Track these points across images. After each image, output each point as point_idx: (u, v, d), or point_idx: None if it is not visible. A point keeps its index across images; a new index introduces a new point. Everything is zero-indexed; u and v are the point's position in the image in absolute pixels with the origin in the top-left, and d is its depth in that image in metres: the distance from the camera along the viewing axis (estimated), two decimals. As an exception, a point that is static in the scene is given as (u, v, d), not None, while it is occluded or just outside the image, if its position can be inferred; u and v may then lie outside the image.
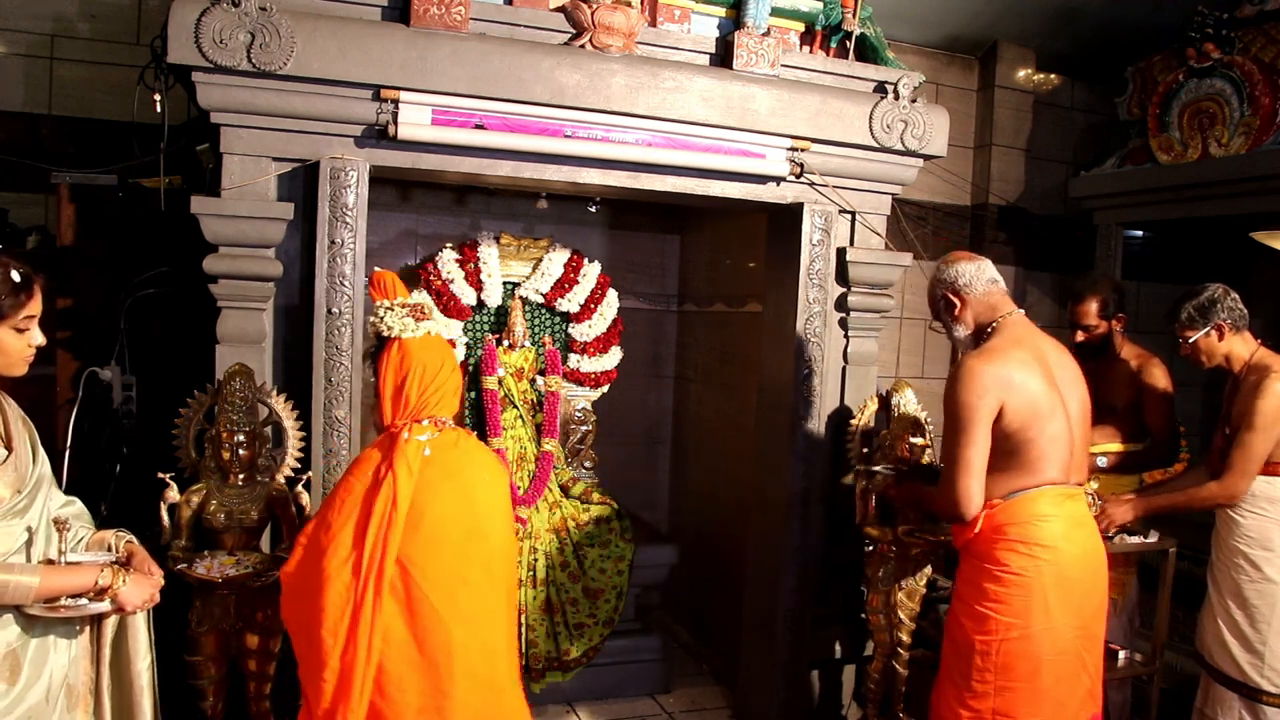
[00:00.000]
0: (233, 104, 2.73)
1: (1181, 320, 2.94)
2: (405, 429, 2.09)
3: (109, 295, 3.26)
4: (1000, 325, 2.48)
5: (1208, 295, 2.92)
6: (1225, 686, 2.92)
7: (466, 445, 2.18)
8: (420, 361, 2.14)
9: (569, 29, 3.08)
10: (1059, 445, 2.39)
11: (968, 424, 2.34)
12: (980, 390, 2.33)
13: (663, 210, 4.47)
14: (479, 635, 2.04)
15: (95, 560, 1.97)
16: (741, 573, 3.81)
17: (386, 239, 4.09)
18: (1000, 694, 2.37)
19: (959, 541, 2.53)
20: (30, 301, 1.89)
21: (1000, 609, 2.37)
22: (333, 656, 1.92)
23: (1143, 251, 5.14)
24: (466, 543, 2.06)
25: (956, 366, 2.42)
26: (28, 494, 1.90)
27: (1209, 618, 2.99)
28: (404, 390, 2.12)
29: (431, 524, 2.00)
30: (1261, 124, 3.94)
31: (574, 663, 3.72)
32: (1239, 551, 2.88)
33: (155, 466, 2.68)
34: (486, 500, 2.13)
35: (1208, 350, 2.94)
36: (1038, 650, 2.35)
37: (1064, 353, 2.55)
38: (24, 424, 1.98)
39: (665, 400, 4.88)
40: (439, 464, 2.07)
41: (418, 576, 1.97)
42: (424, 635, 1.97)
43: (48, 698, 1.91)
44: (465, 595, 2.02)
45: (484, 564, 2.08)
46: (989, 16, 4.68)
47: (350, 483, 2.06)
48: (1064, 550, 2.37)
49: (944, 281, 2.58)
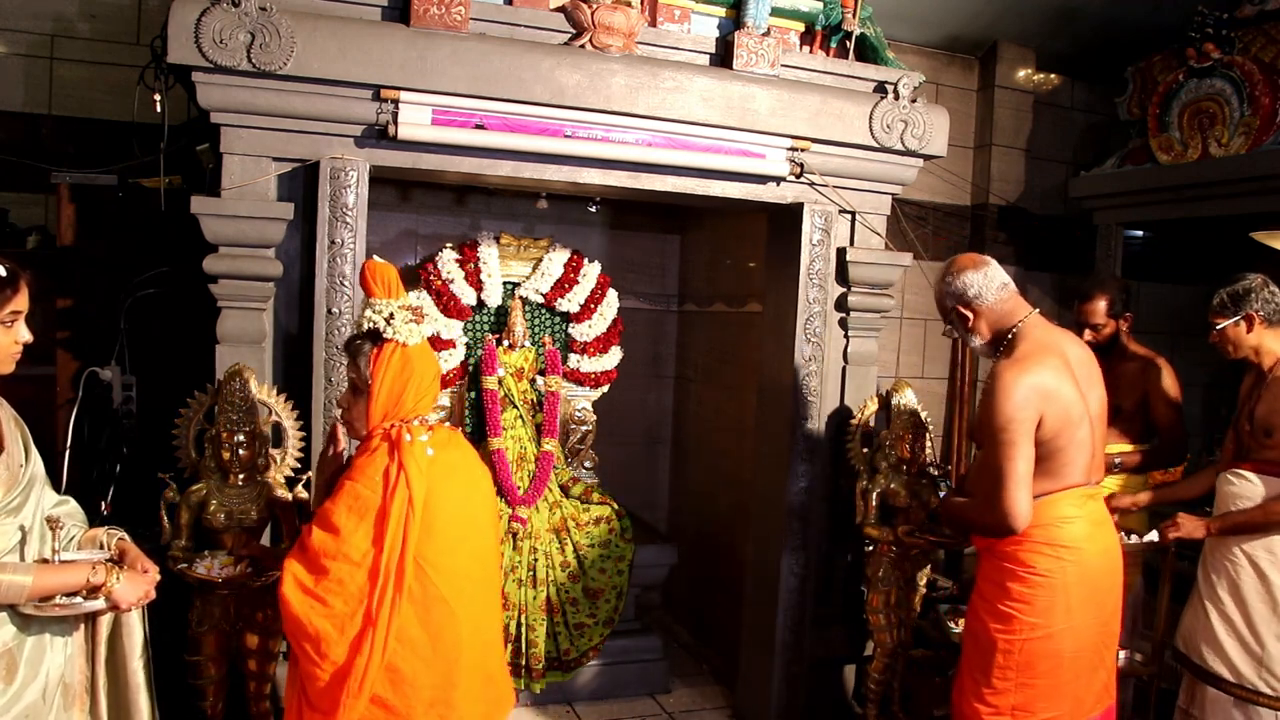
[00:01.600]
0: (233, 104, 2.73)
1: (1214, 306, 2.88)
2: (404, 430, 2.09)
3: (109, 295, 3.26)
4: (1021, 331, 2.43)
5: (1243, 284, 2.85)
6: (1218, 689, 2.88)
7: (458, 442, 2.22)
8: (420, 368, 2.12)
9: (569, 29, 3.08)
10: (1084, 449, 2.40)
11: (1015, 437, 2.28)
12: (1021, 402, 2.28)
13: (663, 210, 4.47)
14: (480, 628, 2.10)
15: (88, 558, 1.97)
16: (741, 573, 3.81)
17: (386, 239, 4.09)
18: (1020, 690, 2.39)
19: (982, 543, 2.53)
20: (16, 297, 1.87)
21: (1024, 609, 2.38)
22: (335, 649, 1.93)
23: (1143, 251, 5.15)
24: (470, 538, 2.11)
25: (993, 378, 2.35)
26: (20, 493, 1.89)
27: (1199, 618, 2.95)
28: (403, 396, 2.11)
29: (444, 523, 2.03)
30: (1261, 124, 3.94)
31: (574, 663, 3.73)
32: (1239, 551, 2.85)
33: (155, 466, 2.68)
34: (480, 496, 2.18)
35: (1235, 340, 2.87)
36: (1059, 648, 2.37)
37: (1083, 349, 2.53)
38: (16, 423, 1.97)
39: (665, 400, 4.88)
40: (442, 463, 2.08)
41: (433, 575, 1.99)
42: (438, 632, 2.00)
43: (44, 696, 1.91)
44: (471, 590, 2.07)
45: (482, 558, 2.14)
46: (989, 16, 4.68)
47: (354, 488, 2.02)
48: (1086, 550, 2.39)
49: (952, 294, 2.49)
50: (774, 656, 3.50)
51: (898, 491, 3.32)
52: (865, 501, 3.35)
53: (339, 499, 2.04)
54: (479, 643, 2.09)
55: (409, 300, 2.16)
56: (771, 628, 3.51)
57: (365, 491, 2.01)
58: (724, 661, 4.12)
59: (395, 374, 2.10)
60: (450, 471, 2.10)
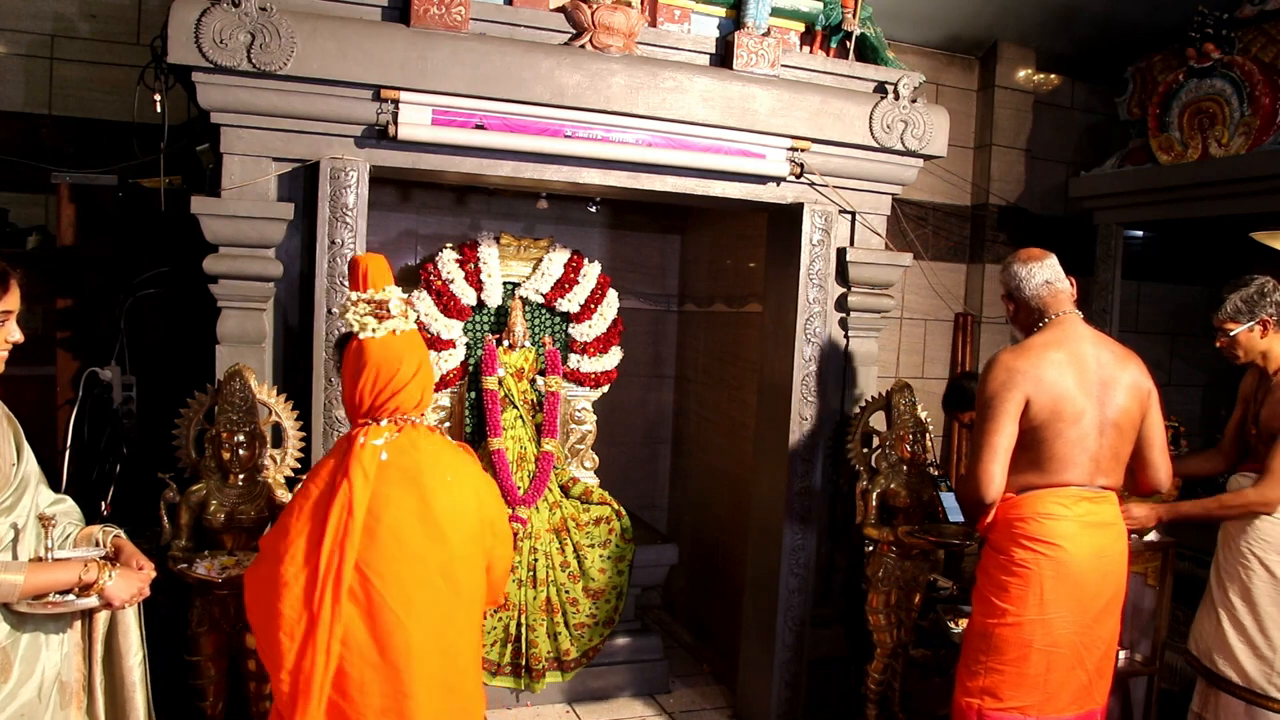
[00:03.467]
0: (233, 104, 2.73)
1: (1226, 312, 2.83)
2: (362, 433, 2.03)
3: (109, 295, 3.26)
4: (1047, 325, 2.55)
5: (1256, 288, 2.80)
6: (1229, 694, 2.88)
7: (428, 445, 2.07)
8: (375, 363, 2.03)
9: (569, 29, 3.08)
10: (1080, 448, 2.45)
11: (995, 413, 2.43)
12: (1006, 382, 2.43)
13: (663, 210, 4.47)
14: (439, 638, 2.00)
15: (82, 555, 1.96)
16: (741, 573, 3.81)
17: (386, 239, 4.09)
18: (989, 674, 2.50)
19: (981, 532, 2.63)
20: (6, 296, 1.86)
21: (1002, 596, 2.49)
22: (288, 658, 1.91)
23: (1143, 251, 5.14)
24: (424, 547, 2.00)
25: (989, 359, 2.53)
26: (13, 492, 1.89)
27: (1211, 622, 2.95)
28: (359, 391, 2.05)
29: (388, 529, 1.96)
30: (1261, 124, 3.94)
31: (574, 663, 3.72)
32: (1251, 555, 2.83)
33: (155, 466, 2.68)
34: (446, 503, 2.03)
35: (1246, 345, 2.84)
36: (1028, 638, 2.46)
37: (1125, 359, 2.54)
38: (8, 421, 1.96)
39: (665, 400, 4.88)
40: (397, 467, 2.00)
41: (377, 582, 1.94)
42: (385, 639, 1.94)
43: (40, 695, 1.91)
44: (424, 599, 1.98)
45: (442, 567, 2.02)
46: (989, 16, 4.68)
47: (309, 489, 2.01)
48: (1068, 550, 2.44)
49: (1002, 282, 2.68)
50: (774, 656, 3.50)
51: (898, 492, 3.32)
52: (865, 501, 3.35)
53: (292, 500, 2.02)
54: (435, 651, 1.99)
55: (391, 293, 2.08)
56: (771, 628, 3.51)
57: (315, 491, 1.98)
58: (724, 661, 4.12)
59: (350, 368, 2.05)
60: (406, 478, 2.00)
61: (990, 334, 4.94)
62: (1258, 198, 4.01)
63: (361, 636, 1.94)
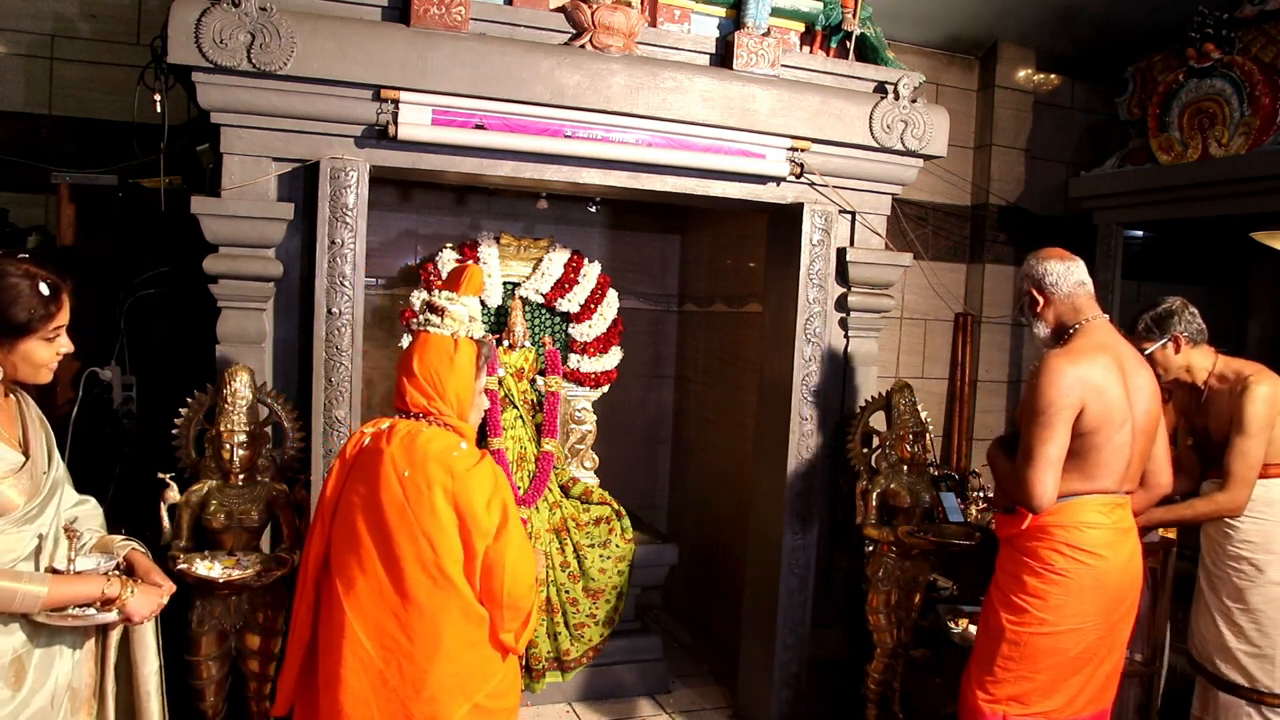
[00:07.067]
0: (233, 104, 2.73)
1: (1139, 331, 2.93)
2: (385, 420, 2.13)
3: (109, 295, 3.26)
4: (1083, 328, 2.49)
5: (1164, 307, 2.91)
6: (1231, 694, 2.90)
7: (409, 440, 2.03)
8: (403, 360, 2.20)
9: (569, 29, 3.08)
10: (1120, 455, 2.43)
11: (1052, 420, 2.34)
12: (1065, 388, 2.34)
13: (663, 210, 4.47)
14: (379, 630, 1.99)
15: (101, 568, 1.97)
16: (741, 573, 3.81)
17: (387, 239, 4.09)
18: (1019, 682, 2.44)
19: (1004, 533, 2.56)
20: (60, 312, 1.90)
21: (1037, 604, 2.41)
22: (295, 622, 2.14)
23: (1143, 251, 5.15)
24: (368, 536, 2.00)
25: (1042, 362, 2.42)
26: (41, 501, 1.89)
27: (1207, 625, 2.97)
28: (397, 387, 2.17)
29: (341, 513, 2.07)
30: (1261, 124, 3.94)
31: (574, 663, 3.72)
32: (1240, 557, 2.87)
33: (155, 466, 2.67)
34: (392, 497, 1.98)
35: (1164, 362, 2.92)
36: (1065, 646, 2.41)
37: (1142, 363, 2.55)
38: (41, 425, 1.98)
39: (665, 400, 4.88)
40: (370, 452, 2.05)
41: (333, 561, 2.06)
42: (328, 616, 2.05)
43: (52, 703, 1.90)
44: (364, 586, 2.00)
45: (386, 559, 1.99)
46: (989, 16, 4.68)
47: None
48: (1107, 558, 2.41)
49: (1030, 276, 2.56)
50: (774, 656, 3.50)
51: (898, 492, 3.32)
52: (865, 502, 3.35)
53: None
54: (372, 642, 1.98)
55: (448, 300, 2.14)
56: (771, 627, 3.51)
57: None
58: (724, 661, 4.12)
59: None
60: (365, 465, 2.04)
61: (990, 334, 4.94)
62: (1258, 198, 4.01)
63: (325, 611, 2.08)
